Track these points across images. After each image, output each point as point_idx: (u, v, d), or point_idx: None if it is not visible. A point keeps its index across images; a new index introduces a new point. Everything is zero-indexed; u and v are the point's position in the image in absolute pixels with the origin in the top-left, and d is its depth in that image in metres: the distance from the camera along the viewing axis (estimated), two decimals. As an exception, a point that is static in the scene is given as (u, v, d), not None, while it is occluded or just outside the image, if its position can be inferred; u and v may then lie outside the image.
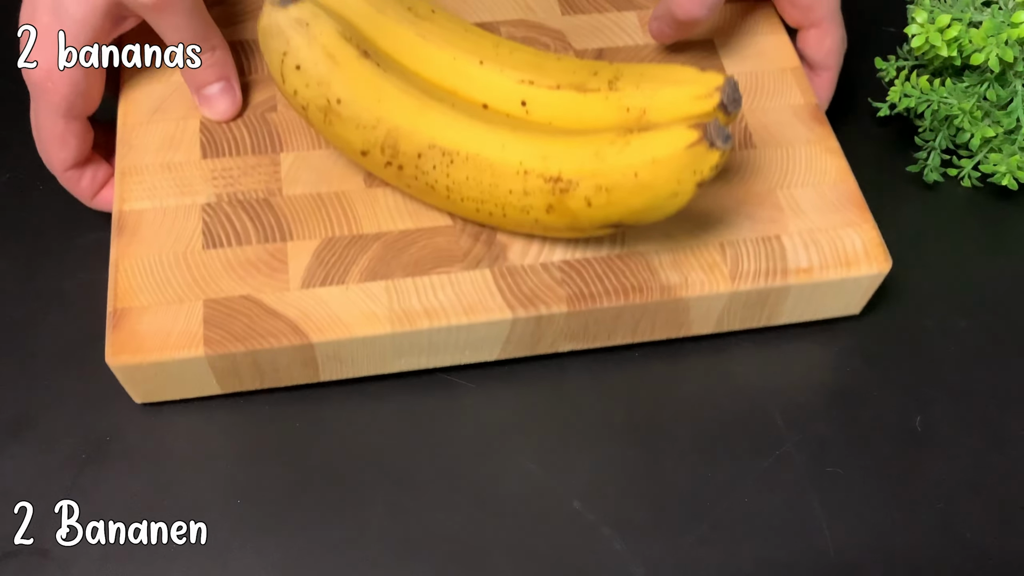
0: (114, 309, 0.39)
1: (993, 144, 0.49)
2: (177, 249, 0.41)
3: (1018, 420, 0.43)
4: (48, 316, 0.44)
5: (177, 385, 0.40)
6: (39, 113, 0.41)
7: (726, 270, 0.41)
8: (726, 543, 0.39)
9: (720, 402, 0.43)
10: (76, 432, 0.41)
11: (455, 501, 0.40)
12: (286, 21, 0.38)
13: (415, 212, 0.42)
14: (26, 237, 0.46)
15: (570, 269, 0.41)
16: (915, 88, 0.49)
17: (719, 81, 0.37)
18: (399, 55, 0.41)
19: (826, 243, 0.42)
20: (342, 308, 0.40)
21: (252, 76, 0.46)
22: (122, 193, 0.42)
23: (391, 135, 0.39)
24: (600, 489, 0.40)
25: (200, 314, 0.39)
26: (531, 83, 0.40)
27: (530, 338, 0.42)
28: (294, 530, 0.39)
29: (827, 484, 0.41)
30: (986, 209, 0.50)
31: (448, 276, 0.41)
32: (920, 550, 0.40)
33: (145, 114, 0.44)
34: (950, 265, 0.48)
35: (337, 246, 0.41)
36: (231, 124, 0.44)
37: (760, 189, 0.44)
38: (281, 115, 0.45)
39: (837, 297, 0.43)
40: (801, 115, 0.46)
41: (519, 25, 0.49)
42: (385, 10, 0.40)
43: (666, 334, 0.44)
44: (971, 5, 0.48)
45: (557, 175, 0.37)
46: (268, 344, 0.39)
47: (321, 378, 0.42)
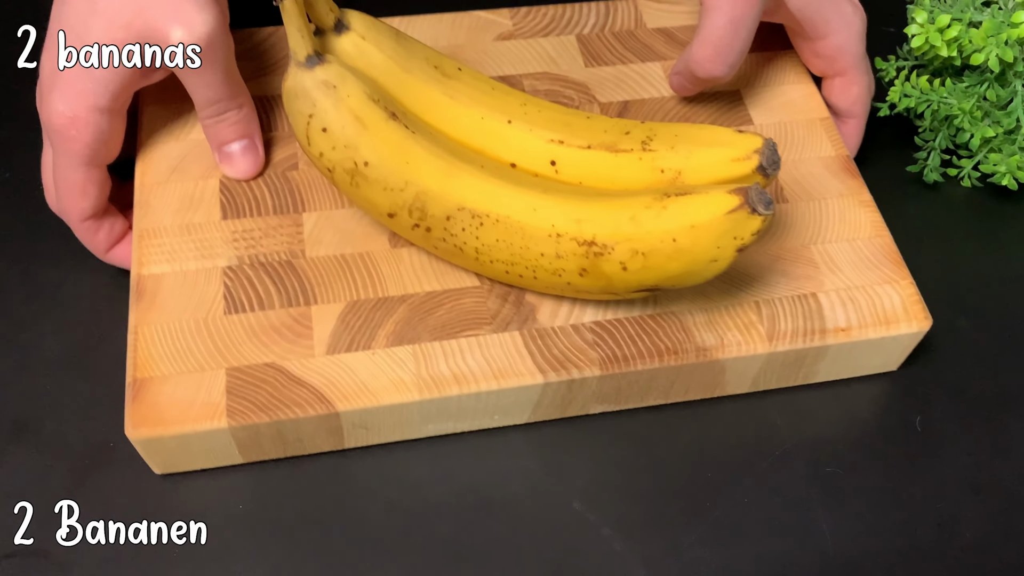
0: (133, 379, 0.38)
1: (993, 144, 0.49)
2: (198, 315, 0.39)
3: (1018, 420, 0.43)
4: (49, 317, 0.44)
5: (198, 456, 0.39)
6: (60, 161, 0.40)
7: (763, 330, 0.40)
8: (726, 543, 0.39)
9: (721, 403, 0.42)
10: (77, 433, 0.40)
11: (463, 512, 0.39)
12: (312, 83, 0.37)
13: (441, 273, 0.41)
14: (27, 237, 0.46)
15: (602, 330, 0.40)
16: (915, 88, 0.49)
17: (758, 143, 0.36)
18: (426, 114, 0.40)
19: (864, 301, 0.41)
20: (369, 375, 0.38)
21: (273, 133, 0.45)
22: (140, 257, 0.41)
23: (419, 197, 0.38)
24: (600, 489, 0.40)
25: (223, 383, 0.38)
26: (561, 143, 0.39)
27: (561, 401, 0.40)
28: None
29: (827, 484, 0.41)
30: (986, 209, 0.50)
31: (477, 339, 0.40)
32: (920, 550, 0.39)
33: (163, 173, 0.43)
34: (950, 265, 0.48)
35: (362, 309, 0.40)
36: (252, 183, 0.43)
37: (794, 244, 0.43)
38: (303, 173, 0.44)
39: (875, 355, 0.42)
40: (832, 167, 0.45)
41: (542, 78, 0.48)
42: (411, 69, 0.40)
43: (699, 395, 0.42)
44: (971, 5, 0.47)
45: (591, 239, 0.36)
46: (293, 414, 0.37)
47: (346, 446, 0.40)
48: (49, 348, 0.43)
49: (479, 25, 0.49)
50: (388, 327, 0.40)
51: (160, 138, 0.44)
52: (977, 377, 0.44)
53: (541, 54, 0.49)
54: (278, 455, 0.40)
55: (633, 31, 0.50)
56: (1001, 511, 0.41)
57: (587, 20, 0.50)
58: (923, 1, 0.48)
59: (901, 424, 0.43)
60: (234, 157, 0.43)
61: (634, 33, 0.50)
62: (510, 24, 0.49)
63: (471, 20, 0.49)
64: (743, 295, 0.41)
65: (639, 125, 0.39)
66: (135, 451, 0.39)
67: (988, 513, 0.40)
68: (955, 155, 0.51)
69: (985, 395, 0.44)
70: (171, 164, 0.44)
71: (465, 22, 0.49)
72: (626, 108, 0.47)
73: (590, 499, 0.40)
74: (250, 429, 0.37)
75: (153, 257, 0.41)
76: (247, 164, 0.43)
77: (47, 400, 0.41)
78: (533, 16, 0.50)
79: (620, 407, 0.42)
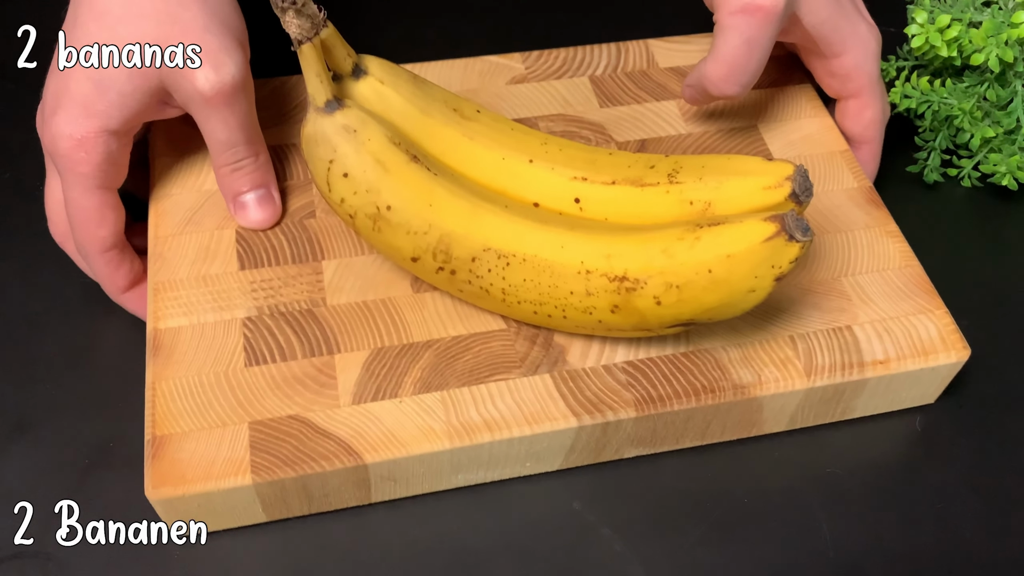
0: (152, 437, 0.36)
1: (993, 144, 0.49)
2: (218, 368, 0.38)
3: (1018, 420, 0.43)
4: (49, 318, 0.43)
5: (220, 515, 0.37)
6: (72, 189, 0.38)
7: (800, 365, 0.39)
8: (726, 543, 0.38)
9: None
10: (77, 433, 0.40)
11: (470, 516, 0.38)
12: (332, 128, 0.36)
13: (466, 316, 0.40)
14: (27, 238, 0.46)
15: (634, 371, 0.39)
16: (915, 88, 0.49)
17: (789, 170, 0.35)
18: (446, 157, 0.39)
19: (900, 332, 0.40)
20: (397, 424, 0.37)
21: (288, 182, 0.44)
22: (156, 311, 0.40)
23: (443, 240, 0.37)
24: (600, 489, 0.40)
25: (246, 438, 0.36)
26: (584, 179, 0.39)
27: (595, 445, 0.39)
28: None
29: (827, 484, 0.40)
30: (986, 209, 0.50)
31: (507, 383, 0.38)
32: (920, 550, 0.39)
33: (177, 225, 0.42)
34: (950, 265, 0.47)
35: (387, 357, 0.39)
36: (269, 233, 0.42)
37: (824, 277, 0.42)
38: (321, 221, 0.43)
39: (913, 388, 0.41)
40: (856, 199, 0.45)
41: (558, 119, 0.47)
42: (431, 112, 0.39)
43: (736, 435, 0.41)
44: (971, 5, 0.47)
45: (623, 274, 0.35)
46: (320, 467, 0.36)
47: (373, 500, 0.39)
48: (49, 348, 0.42)
49: (492, 70, 0.49)
50: (415, 374, 0.38)
51: (173, 190, 0.44)
52: (977, 377, 0.43)
53: (555, 96, 0.48)
54: (303, 512, 0.38)
55: (646, 71, 0.50)
56: (1001, 511, 0.40)
57: (599, 62, 0.50)
58: (923, 1, 0.48)
59: (901, 424, 0.42)
60: (248, 207, 0.42)
61: (647, 73, 0.49)
62: (522, 68, 0.49)
63: (483, 65, 0.49)
64: (777, 330, 0.40)
65: (663, 159, 0.39)
66: (135, 451, 0.39)
67: (988, 513, 0.40)
68: (955, 155, 0.51)
69: (985, 395, 0.43)
70: (185, 216, 0.43)
71: (477, 67, 0.49)
72: (644, 146, 0.47)
73: (590, 499, 0.39)
74: (275, 485, 0.36)
75: (169, 311, 0.40)
76: (263, 214, 0.42)
77: (47, 400, 0.41)
78: (545, 59, 0.50)
79: (655, 450, 0.41)
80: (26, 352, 0.42)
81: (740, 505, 0.40)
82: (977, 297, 0.47)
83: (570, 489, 0.39)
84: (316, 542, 0.38)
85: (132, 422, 0.40)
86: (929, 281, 0.42)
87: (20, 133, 0.44)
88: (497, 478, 0.40)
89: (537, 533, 0.38)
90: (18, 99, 0.43)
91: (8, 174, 0.48)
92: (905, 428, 0.42)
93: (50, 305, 0.44)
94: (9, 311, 0.44)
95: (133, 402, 0.41)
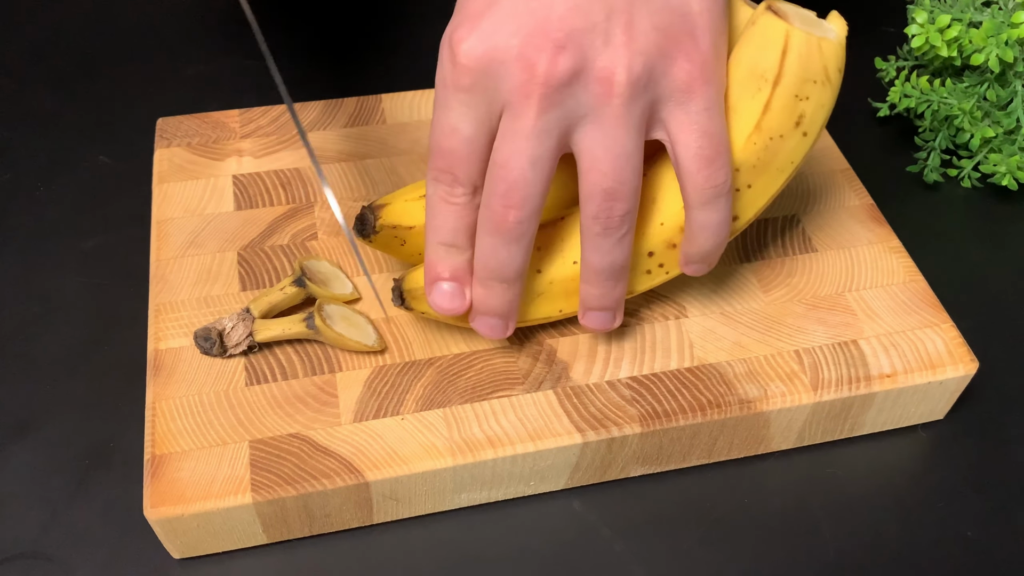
0: (152, 456, 0.36)
1: (993, 144, 0.49)
2: (218, 387, 0.38)
3: (1018, 420, 0.42)
4: (50, 319, 0.43)
5: (219, 537, 0.36)
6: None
7: (806, 379, 0.39)
8: (726, 543, 0.38)
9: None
10: (77, 433, 0.40)
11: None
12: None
13: (469, 333, 0.40)
14: (27, 239, 0.46)
15: (639, 386, 0.38)
16: (915, 88, 0.49)
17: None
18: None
19: (906, 346, 0.40)
20: (399, 441, 0.36)
21: (291, 205, 0.44)
22: (156, 332, 0.40)
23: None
24: (601, 490, 0.39)
25: (246, 457, 0.36)
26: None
27: (600, 463, 0.38)
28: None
29: (827, 484, 0.40)
30: (986, 209, 0.50)
31: (510, 400, 0.38)
32: (920, 550, 0.38)
33: (179, 248, 0.42)
34: (950, 265, 0.47)
35: (389, 374, 0.39)
36: (271, 254, 0.42)
37: (828, 293, 0.42)
38: (322, 243, 0.43)
39: (921, 403, 0.41)
40: (858, 216, 0.45)
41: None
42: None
43: (743, 452, 0.40)
44: (971, 5, 0.48)
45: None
46: (321, 486, 0.35)
47: (375, 520, 0.38)
48: (49, 348, 0.42)
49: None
50: (417, 391, 0.38)
51: (174, 213, 0.44)
52: (977, 377, 0.43)
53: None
54: (304, 533, 0.38)
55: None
56: (1001, 511, 0.40)
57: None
58: (923, 1, 0.48)
59: (904, 431, 0.42)
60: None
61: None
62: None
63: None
64: (782, 345, 0.40)
65: None
66: (135, 452, 0.39)
67: (988, 513, 0.40)
68: (955, 155, 0.51)
69: (985, 394, 0.43)
70: (187, 239, 0.43)
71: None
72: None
73: (590, 499, 0.39)
74: (276, 504, 0.35)
75: (170, 331, 0.40)
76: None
77: (47, 400, 0.41)
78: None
79: (661, 468, 0.40)
80: (26, 352, 0.42)
81: (740, 504, 0.39)
82: (977, 297, 0.46)
83: (577, 508, 0.39)
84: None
85: (132, 423, 0.40)
86: (934, 295, 0.42)
87: (20, 133, 0.44)
88: (501, 498, 0.39)
89: (537, 532, 0.38)
90: (18, 99, 0.43)
91: (8, 174, 0.48)
92: (906, 428, 0.42)
93: (50, 305, 0.44)
94: (9, 311, 0.44)
95: (133, 403, 0.40)
